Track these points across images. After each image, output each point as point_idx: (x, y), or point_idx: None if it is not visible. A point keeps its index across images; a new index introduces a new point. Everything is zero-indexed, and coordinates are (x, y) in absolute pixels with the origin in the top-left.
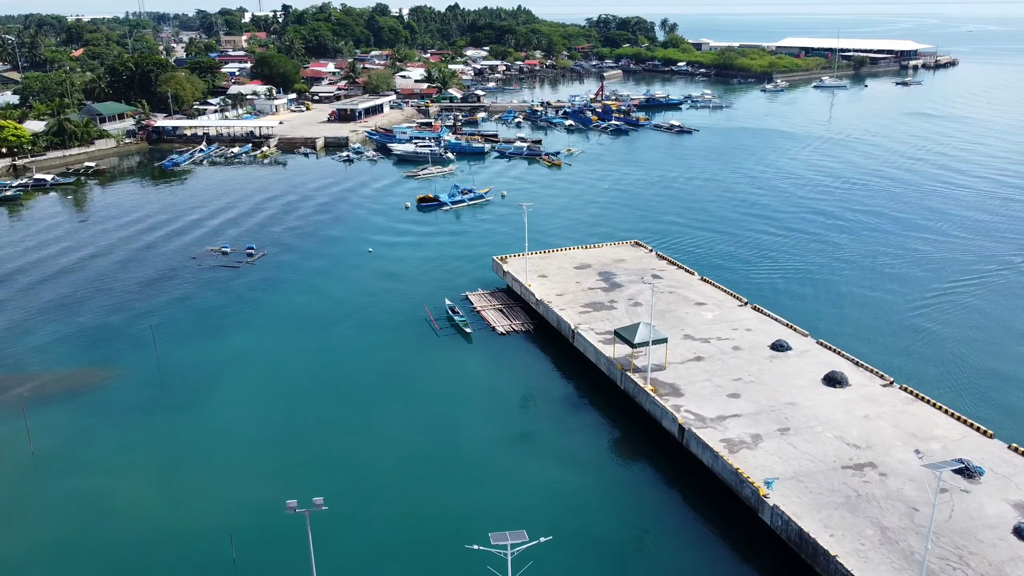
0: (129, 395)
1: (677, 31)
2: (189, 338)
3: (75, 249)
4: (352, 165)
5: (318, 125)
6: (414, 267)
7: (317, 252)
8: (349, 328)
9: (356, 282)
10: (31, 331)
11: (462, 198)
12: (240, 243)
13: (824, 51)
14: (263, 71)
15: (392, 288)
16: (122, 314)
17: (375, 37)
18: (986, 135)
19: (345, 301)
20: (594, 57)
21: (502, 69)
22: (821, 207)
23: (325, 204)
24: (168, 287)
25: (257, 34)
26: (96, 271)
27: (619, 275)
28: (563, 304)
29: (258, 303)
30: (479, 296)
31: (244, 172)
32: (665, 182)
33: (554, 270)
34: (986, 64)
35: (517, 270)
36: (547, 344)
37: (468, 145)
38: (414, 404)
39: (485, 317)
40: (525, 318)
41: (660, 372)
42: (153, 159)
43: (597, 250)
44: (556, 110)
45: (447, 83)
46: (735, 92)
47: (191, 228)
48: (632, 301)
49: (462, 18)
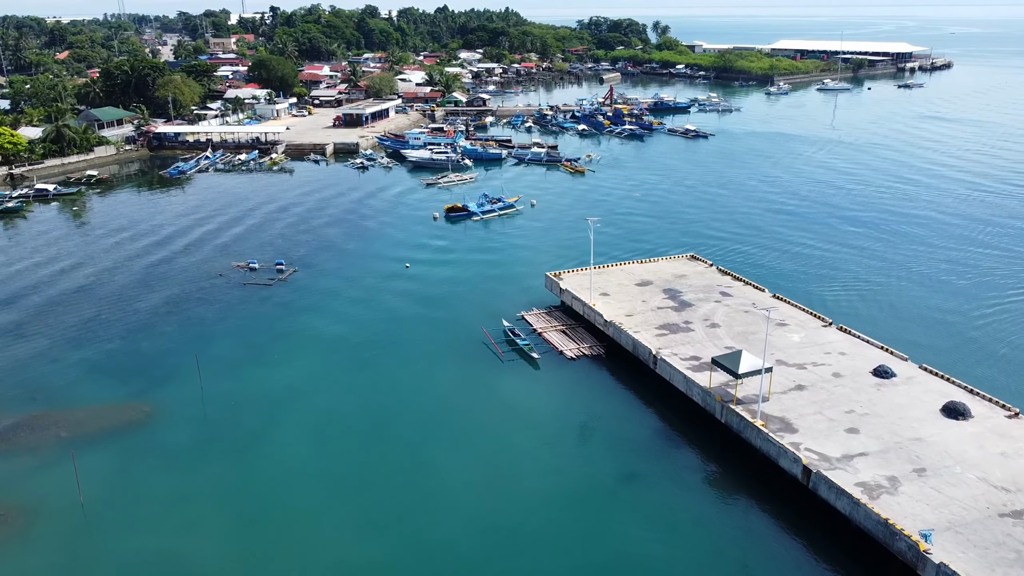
0: (177, 434)
1: (669, 33)
2: (231, 367)
3: (88, 264)
4: (366, 173)
5: (324, 131)
6: (456, 284)
7: (350, 267)
8: (404, 354)
9: (400, 301)
10: (59, 360)
11: (492, 208)
12: (265, 257)
13: (819, 53)
14: (260, 74)
15: (439, 308)
16: (154, 339)
17: (366, 39)
18: (1006, 140)
19: (393, 322)
20: (589, 60)
21: (499, 72)
22: (863, 217)
23: (346, 214)
24: (199, 308)
25: (245, 36)
26: (116, 289)
27: (685, 292)
28: (635, 326)
29: (300, 326)
30: (537, 316)
31: (253, 180)
32: (695, 190)
33: (614, 287)
34: (980, 66)
35: (577, 287)
36: (622, 370)
37: (484, 151)
38: (489, 440)
39: (549, 340)
40: (593, 341)
41: (763, 404)
42: (155, 167)
43: (653, 265)
44: (564, 114)
45: (450, 87)
46: (737, 95)
47: (208, 240)
48: (708, 322)
49: (452, 20)
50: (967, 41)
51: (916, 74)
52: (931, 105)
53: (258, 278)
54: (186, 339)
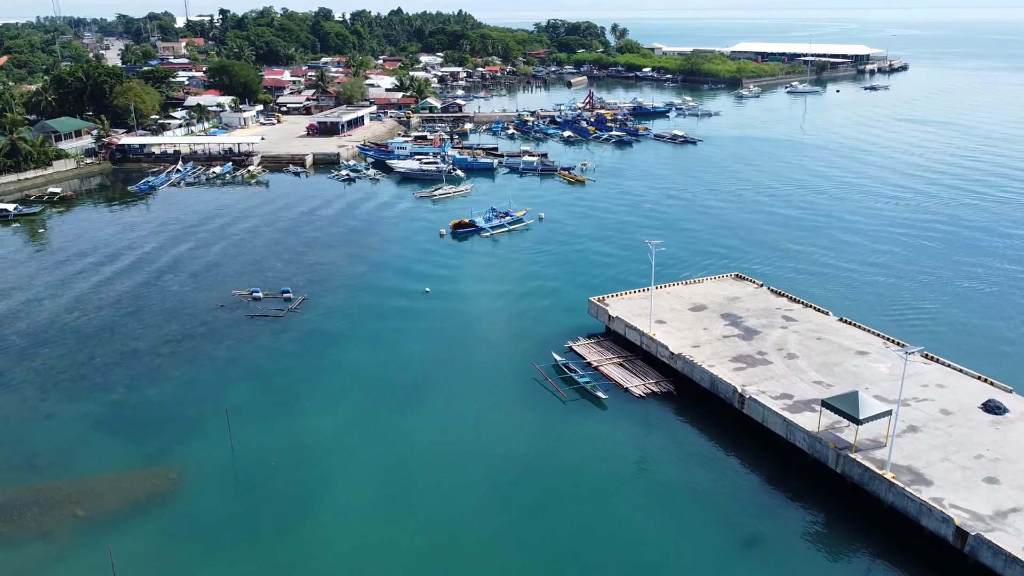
0: (214, 507)
1: (628, 36)
2: (259, 419)
3: (65, 294)
4: (352, 185)
5: (299, 140)
6: (485, 310)
7: (363, 293)
8: (451, 395)
9: (429, 331)
10: (55, 415)
11: (501, 222)
12: (268, 284)
13: (780, 56)
14: (221, 80)
15: (474, 338)
16: (163, 386)
17: (321, 43)
18: (991, 141)
19: (428, 357)
20: (552, 63)
21: (463, 76)
22: (876, 228)
23: (342, 232)
24: (206, 346)
25: (194, 40)
26: (106, 325)
27: (746, 318)
28: (707, 359)
29: (325, 365)
30: (588, 347)
31: (231, 195)
32: (701, 201)
33: (667, 312)
34: (934, 68)
35: (628, 314)
36: (699, 410)
37: (475, 160)
38: (574, 502)
39: (609, 375)
40: (657, 375)
41: (880, 449)
42: (119, 181)
43: (700, 286)
44: (543, 119)
45: (422, 92)
46: (707, 98)
47: (196, 264)
48: (783, 351)
49: (407, 23)
50: (911, 43)
51: (876, 76)
52: (902, 108)
53: (265, 309)
54: (199, 385)
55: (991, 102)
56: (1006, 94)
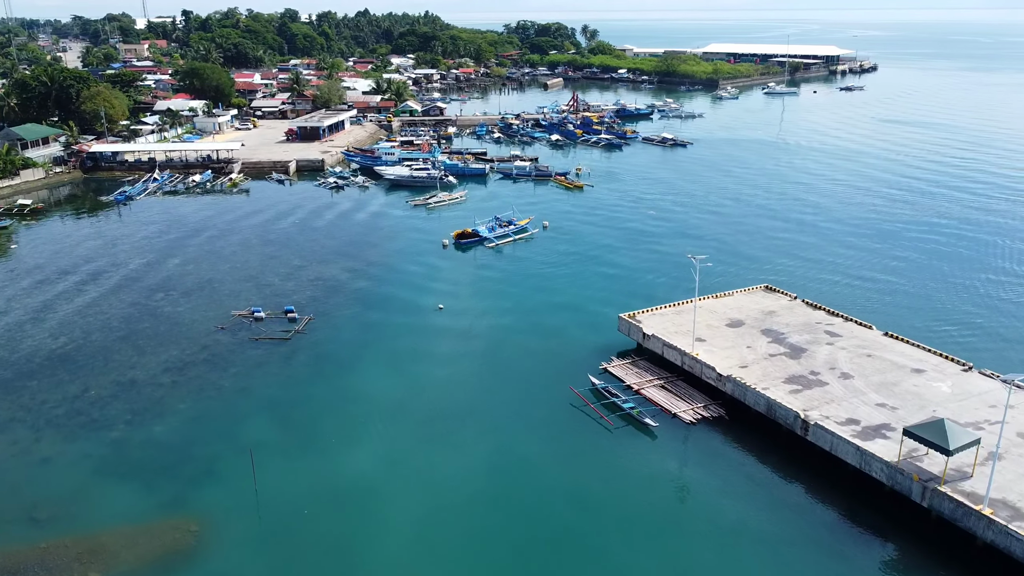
0: (244, 563)
1: (599, 38)
2: (280, 457)
3: (48, 317)
4: (340, 193)
5: (279, 146)
6: (504, 328)
7: (371, 311)
8: (485, 424)
9: (447, 353)
10: (53, 458)
11: (505, 232)
12: (268, 302)
13: (752, 57)
14: (192, 84)
15: (499, 359)
16: (167, 421)
17: (288, 45)
18: (984, 144)
19: (454, 381)
20: (525, 65)
21: (437, 78)
22: (889, 232)
23: (338, 244)
24: (211, 375)
25: (156, 42)
26: (97, 352)
27: (788, 334)
28: (758, 380)
29: (344, 393)
30: (624, 368)
31: (215, 205)
32: (706, 205)
33: (704, 329)
34: (903, 68)
35: (665, 331)
36: (755, 437)
37: (466, 166)
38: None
39: (652, 399)
40: (704, 398)
41: (966, 480)
42: (91, 191)
43: (731, 299)
44: (527, 122)
45: (401, 95)
46: (684, 99)
47: (186, 281)
48: (836, 371)
49: (375, 25)
50: (874, 44)
51: (847, 76)
52: (883, 109)
53: (270, 330)
54: (209, 420)
55: (970, 103)
56: (983, 95)
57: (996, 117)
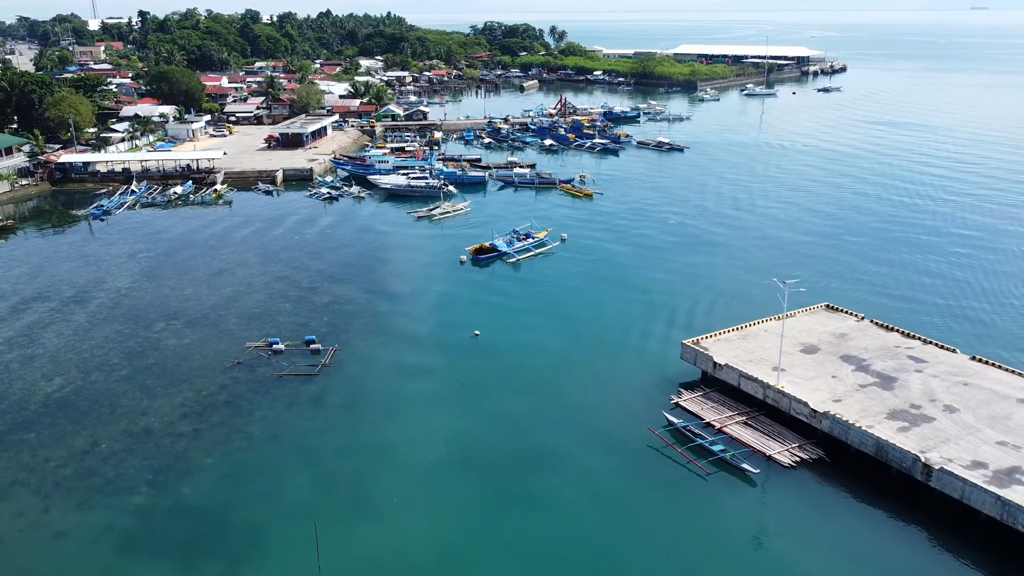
0: None
1: (566, 38)
2: (340, 526)
3: (38, 353)
4: (334, 204)
5: (261, 154)
6: (549, 357)
7: (400, 340)
8: (561, 474)
9: (496, 389)
10: (67, 534)
11: (525, 246)
12: (285, 331)
13: (724, 58)
14: (160, 88)
15: (555, 396)
16: (196, 481)
17: (251, 46)
18: (973, 144)
19: (513, 423)
20: (497, 66)
21: (409, 81)
22: (916, 238)
23: (345, 261)
24: (235, 420)
25: (112, 44)
26: (101, 395)
27: (871, 360)
28: (857, 416)
29: (392, 441)
30: (698, 403)
31: (201, 218)
32: (724, 214)
33: (775, 356)
34: (871, 69)
35: (737, 360)
36: (865, 482)
37: (464, 174)
38: None
39: (741, 439)
40: (796, 437)
41: None
42: (61, 204)
43: (794, 321)
44: (513, 126)
45: (381, 99)
46: (663, 101)
47: (187, 308)
48: (937, 403)
49: (340, 26)
50: (833, 45)
51: (820, 77)
52: (866, 110)
53: (293, 365)
54: (244, 478)
55: (956, 104)
56: (963, 96)
57: (987, 117)
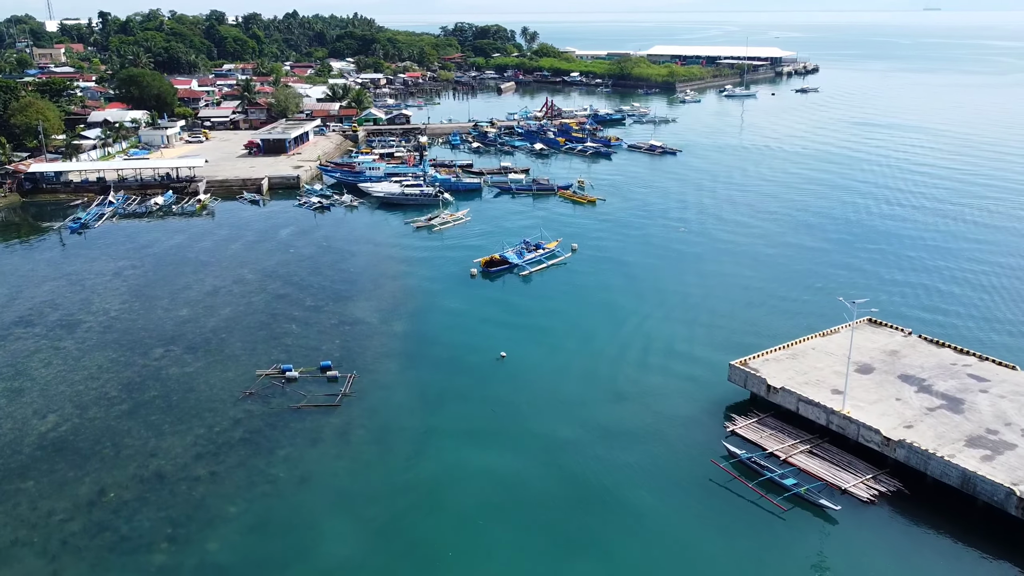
0: None
1: (538, 40)
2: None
3: (26, 387)
4: (326, 214)
5: (242, 161)
6: (586, 382)
7: (420, 363)
8: (628, 520)
9: (535, 418)
10: None
11: (537, 257)
12: (297, 356)
13: (697, 59)
14: (130, 92)
15: (601, 426)
16: (221, 534)
17: (218, 48)
18: (963, 144)
19: (558, 459)
20: (471, 68)
21: (384, 83)
22: (934, 241)
23: (348, 276)
24: (256, 462)
25: (72, 46)
26: (102, 434)
27: (931, 380)
28: (934, 444)
29: (433, 481)
30: (754, 429)
31: (186, 231)
32: (735, 220)
33: (831, 376)
34: (842, 69)
35: (794, 383)
36: (949, 516)
37: (458, 181)
38: None
39: (810, 471)
40: (867, 467)
41: None
42: (31, 216)
43: (838, 337)
44: (501, 129)
45: (361, 102)
46: (642, 102)
47: (186, 331)
48: (1015, 428)
49: (307, 27)
50: (799, 45)
51: (794, 78)
52: (848, 111)
53: (311, 395)
54: (274, 529)
55: (932, 104)
56: (942, 96)
57: (970, 119)
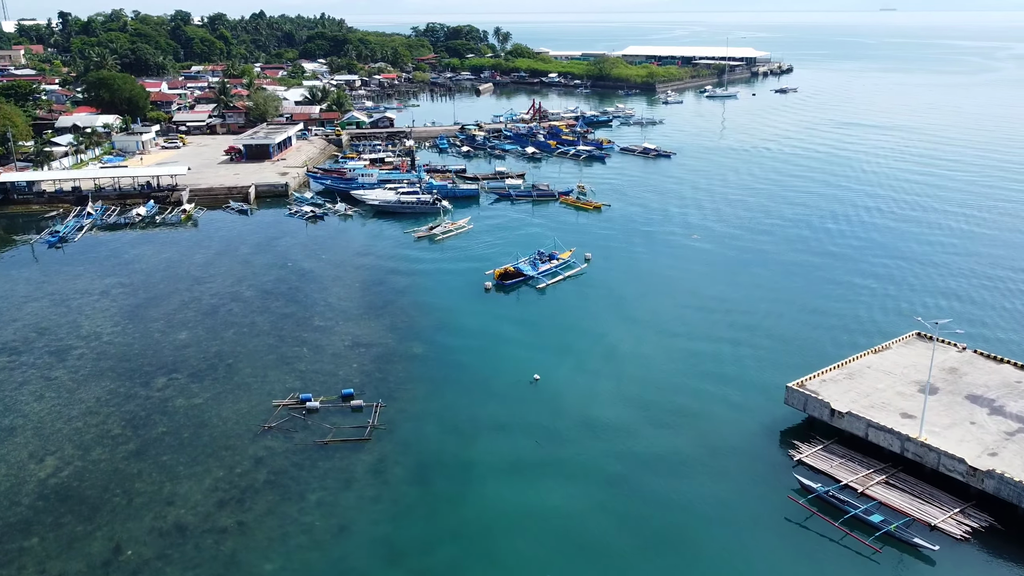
0: None
1: (511, 40)
2: None
3: (19, 425)
4: (319, 223)
5: (225, 168)
6: (629, 406)
7: (447, 389)
8: (702, 565)
9: (578, 447)
10: None
11: (554, 269)
12: (313, 382)
13: (673, 59)
14: (100, 96)
15: (651, 456)
16: None
17: (184, 50)
18: (944, 143)
19: (609, 492)
20: (446, 69)
21: (359, 84)
22: (956, 244)
23: (355, 293)
24: (287, 509)
25: (31, 47)
26: (110, 479)
27: (999, 400)
28: (1022, 472)
29: (483, 525)
30: (822, 458)
31: (173, 244)
32: (747, 225)
33: (893, 397)
34: (815, 70)
35: (858, 406)
36: None
37: (455, 188)
38: None
39: (891, 504)
40: (950, 499)
41: None
42: (2, 230)
43: (891, 354)
44: (488, 133)
45: (342, 104)
46: (627, 104)
47: (188, 356)
48: None
49: (275, 27)
50: (767, 45)
51: (769, 78)
52: (832, 111)
53: (337, 428)
54: None
55: (913, 104)
56: (921, 96)
57: (956, 118)
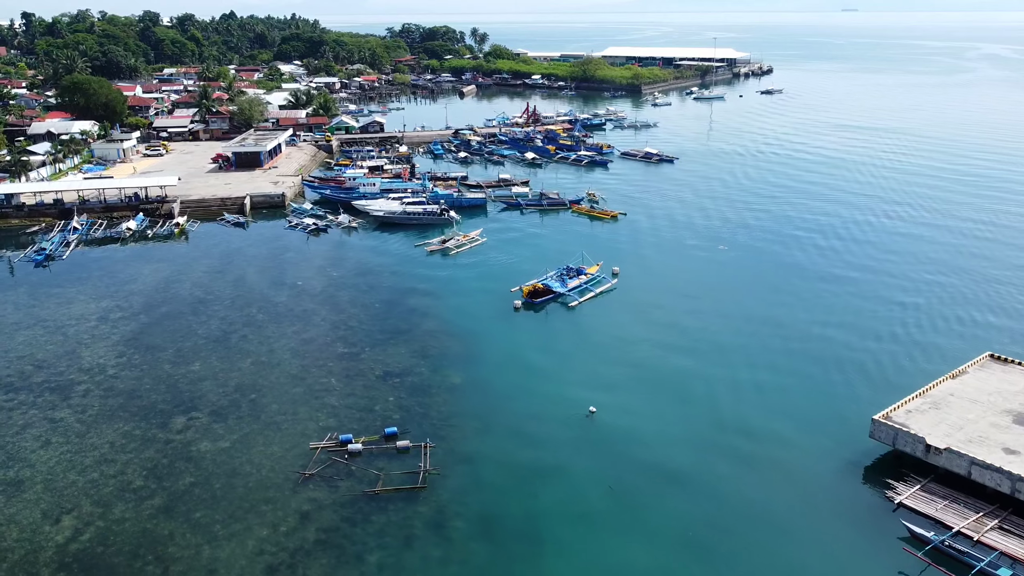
0: None
1: (488, 42)
2: None
3: (25, 478)
4: (321, 236)
5: (214, 177)
6: (686, 439)
7: (496, 425)
8: None
9: (654, 492)
10: None
11: (585, 286)
12: (348, 419)
13: (655, 60)
14: (75, 101)
15: (729, 501)
16: None
17: (155, 51)
18: (946, 146)
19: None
20: (426, 71)
21: (339, 87)
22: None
23: (375, 314)
24: (343, 574)
25: None
26: (139, 544)
27: None
28: None
29: None
30: (924, 500)
31: (169, 261)
32: (774, 233)
33: (987, 428)
34: (796, 71)
35: (954, 440)
36: None
37: (462, 196)
38: None
39: (1011, 553)
40: None
41: None
42: None
43: (970, 379)
44: (483, 138)
45: (329, 108)
46: (615, 107)
47: (205, 391)
48: None
49: (248, 28)
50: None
51: (751, 79)
52: (823, 113)
53: (386, 474)
54: None
55: (903, 105)
56: (905, 97)
57: (945, 119)
